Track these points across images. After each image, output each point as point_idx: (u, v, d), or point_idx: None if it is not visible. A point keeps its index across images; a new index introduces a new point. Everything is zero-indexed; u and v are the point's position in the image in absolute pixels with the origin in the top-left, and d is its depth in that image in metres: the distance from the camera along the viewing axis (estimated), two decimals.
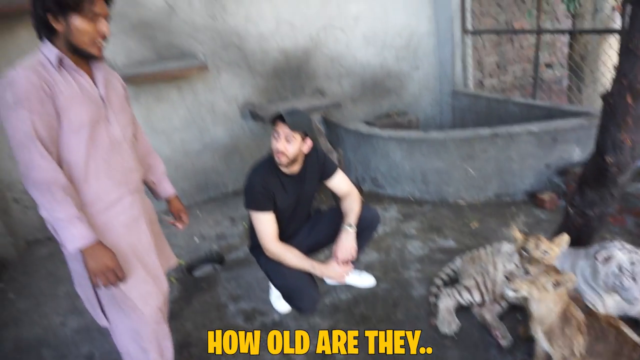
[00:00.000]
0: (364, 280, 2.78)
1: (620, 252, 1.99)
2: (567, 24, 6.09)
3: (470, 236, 3.17)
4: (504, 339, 2.16)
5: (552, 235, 2.62)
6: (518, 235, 2.20)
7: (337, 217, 2.49)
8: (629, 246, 2.02)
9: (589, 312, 1.81)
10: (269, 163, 2.29)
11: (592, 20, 4.90)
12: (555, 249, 2.09)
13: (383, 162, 3.85)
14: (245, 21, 4.12)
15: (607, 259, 1.99)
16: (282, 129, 2.17)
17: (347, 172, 4.27)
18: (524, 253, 2.11)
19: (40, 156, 1.43)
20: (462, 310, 2.41)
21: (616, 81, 1.94)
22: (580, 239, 2.45)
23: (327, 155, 2.50)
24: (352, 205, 2.42)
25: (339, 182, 2.49)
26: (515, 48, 6.06)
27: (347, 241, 2.33)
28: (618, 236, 2.94)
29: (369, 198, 3.93)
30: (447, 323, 2.31)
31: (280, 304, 2.65)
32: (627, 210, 2.91)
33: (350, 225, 2.35)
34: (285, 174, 2.31)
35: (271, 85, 4.38)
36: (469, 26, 4.93)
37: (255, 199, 2.23)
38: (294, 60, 4.42)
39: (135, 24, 3.73)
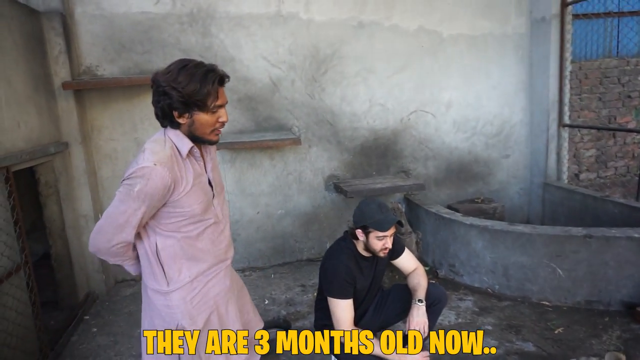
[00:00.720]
0: None
1: None
2: None
3: (553, 343, 2.90)
4: None
5: None
6: None
7: (403, 294, 2.49)
8: None
9: None
10: (348, 247, 2.36)
11: None
12: None
13: (463, 250, 3.74)
14: (340, 101, 4.40)
15: None
16: (391, 231, 2.25)
17: (425, 255, 4.20)
18: None
19: (127, 241, 1.58)
20: None
21: None
22: None
23: (397, 235, 2.52)
24: (420, 281, 2.43)
25: (406, 261, 2.51)
26: (618, 144, 5.73)
27: (418, 316, 2.30)
28: None
29: (444, 284, 3.79)
30: None
31: None
32: None
33: (420, 301, 2.34)
34: (364, 257, 2.37)
35: (357, 162, 4.54)
36: (567, 119, 4.80)
37: (341, 287, 2.26)
38: (383, 139, 4.58)
39: (242, 98, 4.15)
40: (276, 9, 4.13)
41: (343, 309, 2.25)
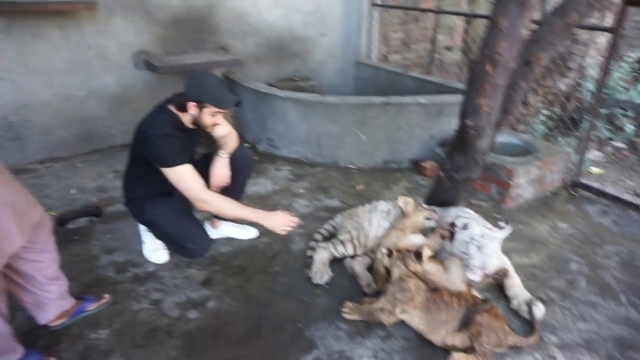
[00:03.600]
0: (246, 232, 2.79)
1: (475, 223, 2.16)
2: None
3: (354, 197, 3.30)
4: (369, 287, 2.29)
5: (425, 197, 2.82)
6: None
7: (210, 160, 2.48)
8: (483, 221, 2.23)
9: (435, 290, 1.97)
10: (171, 119, 2.19)
11: (485, 5, 5.23)
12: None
13: (279, 123, 3.85)
14: None
15: (464, 227, 2.17)
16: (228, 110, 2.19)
17: (244, 132, 4.23)
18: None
19: None
20: (337, 262, 2.52)
21: (480, 51, 2.09)
22: (447, 201, 2.66)
23: None
24: (229, 141, 2.46)
25: (221, 127, 2.46)
26: (420, 28, 6.30)
27: (219, 168, 2.38)
28: (484, 202, 3.24)
29: (263, 158, 3.92)
30: (320, 274, 2.40)
31: (156, 256, 2.58)
32: (492, 180, 3.21)
33: (223, 153, 2.40)
34: (186, 129, 2.24)
35: (170, 36, 4.14)
36: (377, 0, 5.03)
37: (174, 154, 2.12)
38: (196, 11, 4.21)
39: None
40: None
41: (188, 175, 2.14)
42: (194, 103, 2.14)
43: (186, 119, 2.23)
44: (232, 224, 2.79)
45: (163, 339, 2.06)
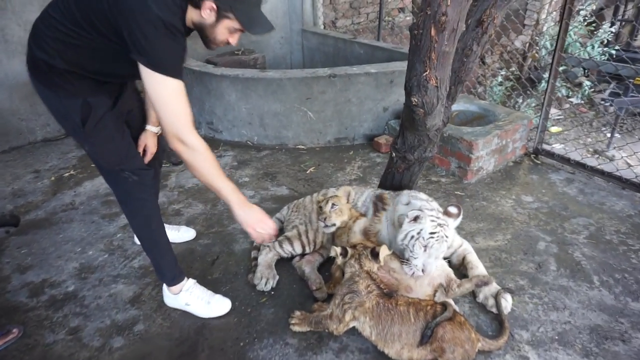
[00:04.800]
0: (183, 234, 2.46)
1: (427, 217, 1.82)
2: None
3: (304, 182, 2.99)
4: (319, 291, 2.02)
5: (380, 180, 2.55)
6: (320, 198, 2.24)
7: None
8: (440, 216, 1.87)
9: (389, 296, 1.72)
10: (179, 7, 1.48)
11: None
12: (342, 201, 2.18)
13: (218, 104, 3.46)
14: None
15: (415, 219, 1.84)
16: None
17: None
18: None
19: None
20: (286, 261, 2.23)
21: (422, 12, 1.71)
22: (403, 183, 2.39)
23: None
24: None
25: None
26: None
27: (153, 145, 2.02)
28: (444, 178, 3.00)
29: None
30: (265, 280, 2.10)
31: (215, 309, 1.98)
32: (452, 153, 2.97)
33: (154, 128, 2.00)
34: (183, 29, 1.53)
35: None
36: None
37: (176, 56, 1.48)
38: None
39: None
40: None
41: (183, 96, 1.49)
42: (215, 5, 1.48)
43: (191, 16, 1.52)
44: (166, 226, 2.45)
45: None
